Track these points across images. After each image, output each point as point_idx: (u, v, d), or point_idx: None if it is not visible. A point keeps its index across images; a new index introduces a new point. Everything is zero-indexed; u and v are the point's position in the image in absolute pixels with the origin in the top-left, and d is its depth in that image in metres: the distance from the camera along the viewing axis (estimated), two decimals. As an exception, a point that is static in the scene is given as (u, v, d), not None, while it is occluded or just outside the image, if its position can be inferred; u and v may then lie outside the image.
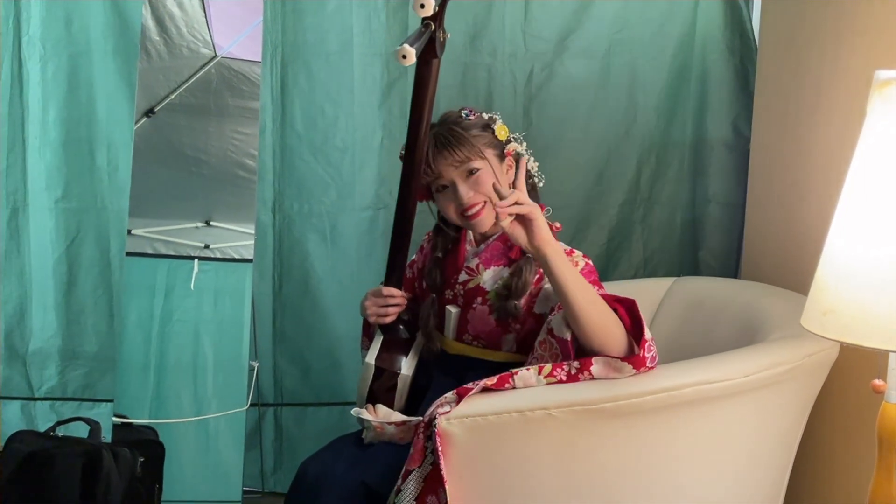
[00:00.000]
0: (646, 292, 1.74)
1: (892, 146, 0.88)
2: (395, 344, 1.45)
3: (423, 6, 1.15)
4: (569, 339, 1.24)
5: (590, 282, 1.27)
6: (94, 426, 1.81)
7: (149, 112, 2.63)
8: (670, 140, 2.09)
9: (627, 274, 2.10)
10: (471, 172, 1.35)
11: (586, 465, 1.21)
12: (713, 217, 2.11)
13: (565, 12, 2.03)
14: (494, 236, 1.41)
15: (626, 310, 1.23)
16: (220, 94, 2.64)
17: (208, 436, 2.34)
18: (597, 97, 2.05)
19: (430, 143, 1.34)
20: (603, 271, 2.09)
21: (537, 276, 1.35)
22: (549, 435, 1.18)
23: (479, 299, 1.38)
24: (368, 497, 1.26)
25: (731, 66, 2.05)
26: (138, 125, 2.33)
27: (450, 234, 1.46)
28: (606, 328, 1.20)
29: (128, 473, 1.75)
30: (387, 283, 1.43)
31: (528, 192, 1.35)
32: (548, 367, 1.21)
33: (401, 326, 1.46)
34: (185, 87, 2.62)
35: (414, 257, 1.57)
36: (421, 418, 1.27)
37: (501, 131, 1.38)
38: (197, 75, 2.73)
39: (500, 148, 1.38)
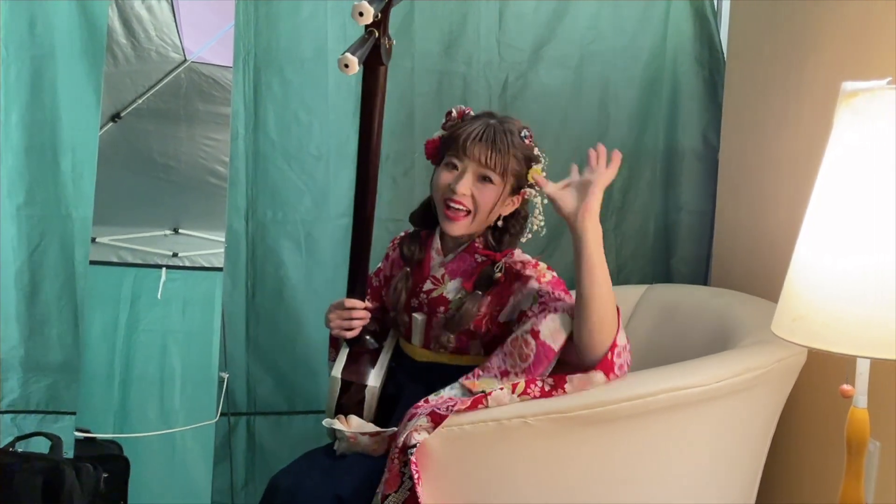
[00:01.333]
0: (620, 299, 1.73)
1: (859, 157, 0.90)
2: (361, 356, 1.44)
3: (361, 14, 1.15)
4: (556, 349, 1.24)
5: (556, 283, 1.30)
6: (55, 441, 1.75)
7: (115, 117, 2.57)
8: (642, 149, 2.11)
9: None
10: (485, 178, 1.35)
11: (563, 472, 1.22)
12: (684, 225, 2.13)
13: (539, 22, 2.04)
14: (462, 247, 1.41)
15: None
16: (189, 99, 2.58)
17: (175, 450, 2.28)
18: (569, 107, 2.07)
19: (477, 130, 1.34)
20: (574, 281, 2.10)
21: (480, 312, 1.34)
22: (526, 443, 1.18)
23: (442, 308, 1.38)
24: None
25: (700, 77, 2.08)
26: (104, 130, 2.28)
27: (417, 236, 1.46)
28: (607, 325, 1.21)
29: (91, 490, 1.70)
30: (349, 294, 1.42)
31: (509, 234, 1.39)
32: (521, 384, 1.21)
33: (367, 337, 1.45)
34: (153, 91, 2.57)
35: (380, 265, 1.56)
36: (395, 429, 1.26)
37: (535, 174, 1.36)
38: (166, 80, 2.67)
39: (521, 184, 1.38)
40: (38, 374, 1.89)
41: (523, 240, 1.43)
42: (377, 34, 1.22)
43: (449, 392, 1.28)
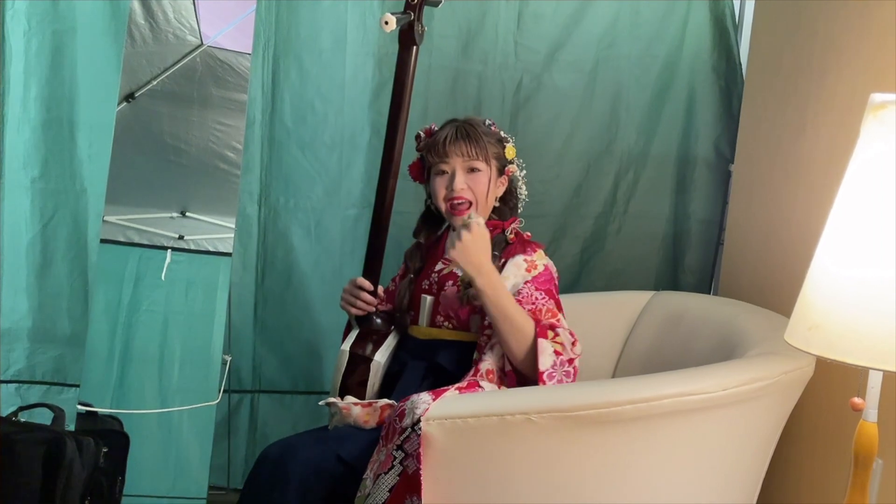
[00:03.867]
0: (625, 304, 1.77)
1: (885, 168, 0.91)
2: (370, 336, 1.52)
3: (387, 23, 1.32)
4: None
5: (544, 289, 1.41)
6: (57, 413, 1.75)
7: (129, 97, 2.57)
8: (650, 156, 2.12)
9: (599, 284, 2.13)
10: (472, 169, 1.49)
11: (564, 470, 1.22)
12: (690, 233, 2.15)
13: (557, 24, 2.05)
14: None
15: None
16: (204, 83, 2.59)
17: (172, 429, 2.29)
18: (581, 111, 2.08)
19: (449, 132, 1.49)
20: (575, 280, 2.12)
21: (500, 264, 1.45)
22: (529, 440, 1.18)
23: (451, 282, 1.49)
24: (344, 470, 1.27)
25: (716, 87, 2.09)
26: (117, 110, 2.29)
27: (419, 247, 1.58)
28: (522, 358, 1.37)
29: (90, 463, 1.70)
30: (364, 274, 1.52)
31: (508, 208, 1.55)
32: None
33: (376, 318, 1.53)
34: (168, 73, 2.57)
35: (400, 270, 1.63)
36: (386, 401, 1.34)
37: (510, 151, 1.54)
38: (181, 63, 2.68)
39: (503, 164, 1.54)
40: (46, 346, 1.90)
41: (520, 208, 1.57)
42: (413, 16, 1.40)
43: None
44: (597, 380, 1.60)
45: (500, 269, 1.44)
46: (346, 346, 1.50)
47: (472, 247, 1.35)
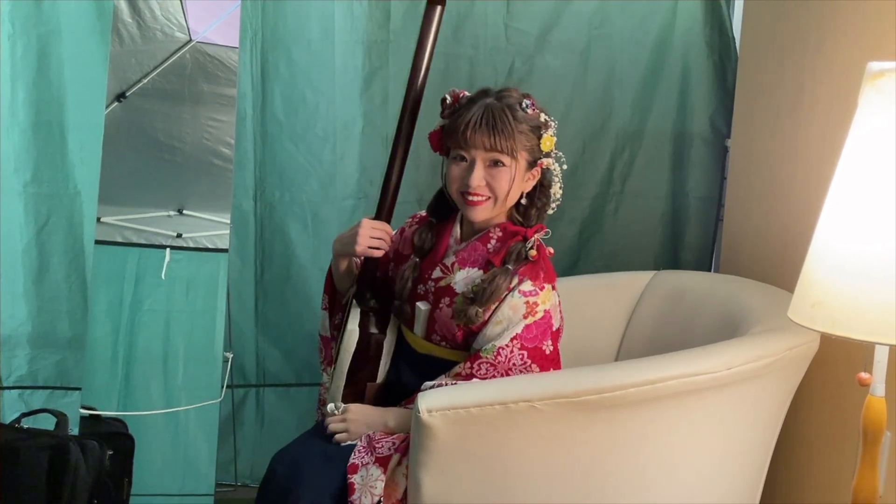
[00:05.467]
0: (627, 285, 1.76)
1: (884, 138, 0.89)
2: (370, 312, 1.43)
3: None
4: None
5: (529, 347, 1.27)
6: (60, 418, 1.75)
7: (120, 96, 2.55)
8: (645, 134, 2.11)
9: (598, 265, 2.11)
10: (495, 163, 1.29)
11: (570, 457, 1.21)
12: (689, 210, 2.14)
13: (547, 6, 2.03)
14: (477, 236, 1.37)
15: None
16: (194, 79, 2.57)
17: (178, 428, 2.29)
18: (574, 92, 2.07)
19: (475, 116, 1.28)
20: (574, 263, 2.11)
21: (508, 288, 1.30)
22: (533, 427, 1.18)
23: (447, 299, 1.34)
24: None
25: (709, 62, 2.07)
26: (108, 110, 2.27)
27: (431, 227, 1.43)
28: None
29: (96, 467, 1.70)
30: (377, 217, 1.40)
31: (535, 209, 1.36)
32: None
33: (372, 298, 1.44)
34: (158, 71, 2.55)
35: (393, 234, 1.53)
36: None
37: (547, 143, 1.31)
38: (171, 60, 2.66)
39: (535, 157, 1.32)
40: (47, 351, 1.89)
41: (550, 211, 1.37)
42: None
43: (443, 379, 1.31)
44: (600, 363, 1.59)
45: (507, 290, 1.28)
46: (353, 325, 1.39)
47: (357, 425, 1.31)
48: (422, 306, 1.37)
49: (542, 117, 1.32)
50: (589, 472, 1.22)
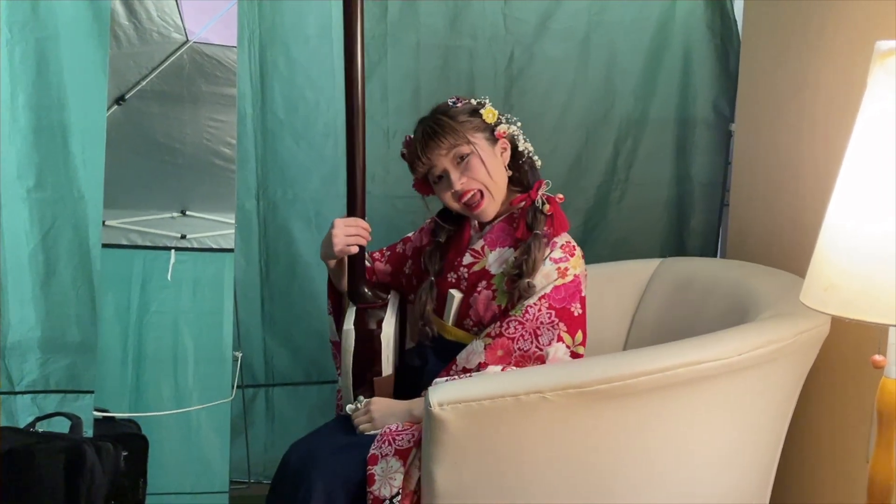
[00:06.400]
0: (633, 274, 1.75)
1: (894, 117, 0.88)
2: (367, 308, 1.44)
3: None
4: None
5: (557, 308, 1.31)
6: (75, 421, 1.76)
7: (119, 99, 2.55)
8: (648, 121, 2.10)
9: (604, 254, 2.11)
10: (461, 159, 1.36)
11: (581, 447, 1.21)
12: (693, 196, 2.13)
13: (545, -7, 2.02)
14: (498, 219, 1.42)
15: None
16: (193, 80, 2.57)
17: (191, 428, 2.31)
18: (576, 80, 2.06)
19: (419, 135, 1.37)
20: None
21: (548, 252, 1.34)
22: (544, 418, 1.17)
23: (484, 283, 1.37)
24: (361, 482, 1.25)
25: (711, 46, 2.06)
26: (109, 113, 2.27)
27: (448, 228, 1.46)
28: None
29: (111, 468, 1.71)
30: (350, 215, 1.42)
31: (526, 170, 1.40)
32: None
33: (366, 291, 1.45)
34: (156, 73, 2.55)
35: (410, 234, 1.56)
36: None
37: (489, 115, 1.38)
38: (168, 61, 2.66)
39: (490, 131, 1.39)
40: (58, 355, 1.90)
41: (538, 163, 1.42)
42: None
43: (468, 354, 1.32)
44: (609, 352, 1.59)
45: (543, 258, 1.32)
46: (349, 324, 1.41)
47: (382, 416, 1.33)
48: (454, 293, 1.40)
49: (474, 101, 1.41)
50: (601, 461, 1.22)
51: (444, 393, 1.17)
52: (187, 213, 2.83)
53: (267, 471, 2.13)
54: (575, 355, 1.31)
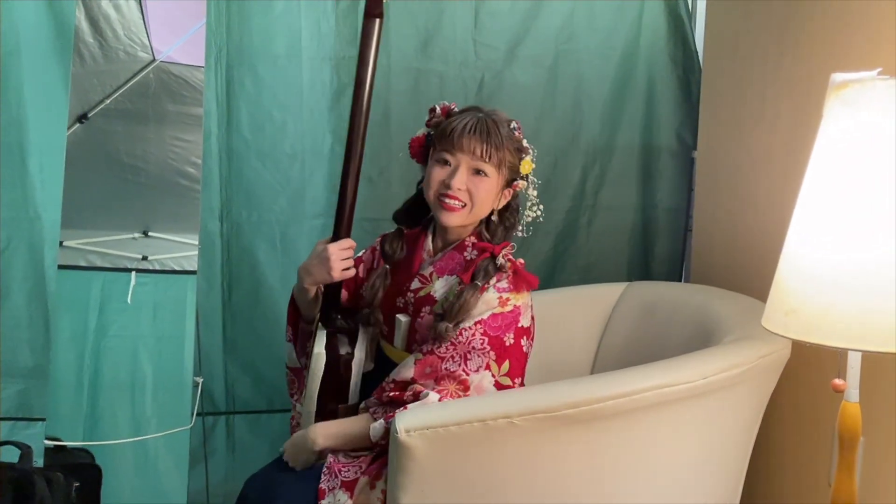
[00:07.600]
0: (599, 297, 1.77)
1: (850, 148, 0.91)
2: (338, 333, 1.41)
3: None
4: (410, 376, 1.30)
5: (490, 336, 1.29)
6: (24, 450, 1.69)
7: (82, 118, 2.50)
8: (615, 147, 2.13)
9: (574, 279, 2.12)
10: (479, 171, 1.33)
11: (550, 471, 1.21)
12: (658, 222, 2.16)
13: (514, 21, 2.04)
14: (452, 246, 1.39)
15: None
16: (158, 99, 2.53)
17: (148, 457, 2.23)
18: (544, 105, 2.08)
19: (468, 122, 1.32)
20: (549, 277, 2.11)
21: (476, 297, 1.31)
22: (512, 443, 1.17)
23: (427, 308, 1.36)
24: None
25: (674, 76, 2.10)
26: (70, 131, 2.23)
27: (400, 234, 1.44)
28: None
29: (62, 500, 1.64)
30: (335, 238, 1.39)
31: (503, 227, 1.39)
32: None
33: (337, 317, 1.42)
34: (121, 91, 2.51)
35: (361, 254, 1.52)
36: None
37: (526, 165, 1.37)
38: (134, 80, 2.62)
39: (513, 177, 1.37)
40: (8, 380, 1.83)
41: (518, 234, 1.42)
42: None
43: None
44: (576, 376, 1.59)
45: (469, 309, 1.29)
46: (320, 348, 1.38)
47: (289, 455, 1.33)
48: (402, 318, 1.38)
49: (525, 142, 1.38)
50: (569, 484, 1.22)
51: (410, 419, 1.15)
52: (149, 233, 2.77)
53: (227, 501, 2.06)
54: (500, 386, 1.29)
